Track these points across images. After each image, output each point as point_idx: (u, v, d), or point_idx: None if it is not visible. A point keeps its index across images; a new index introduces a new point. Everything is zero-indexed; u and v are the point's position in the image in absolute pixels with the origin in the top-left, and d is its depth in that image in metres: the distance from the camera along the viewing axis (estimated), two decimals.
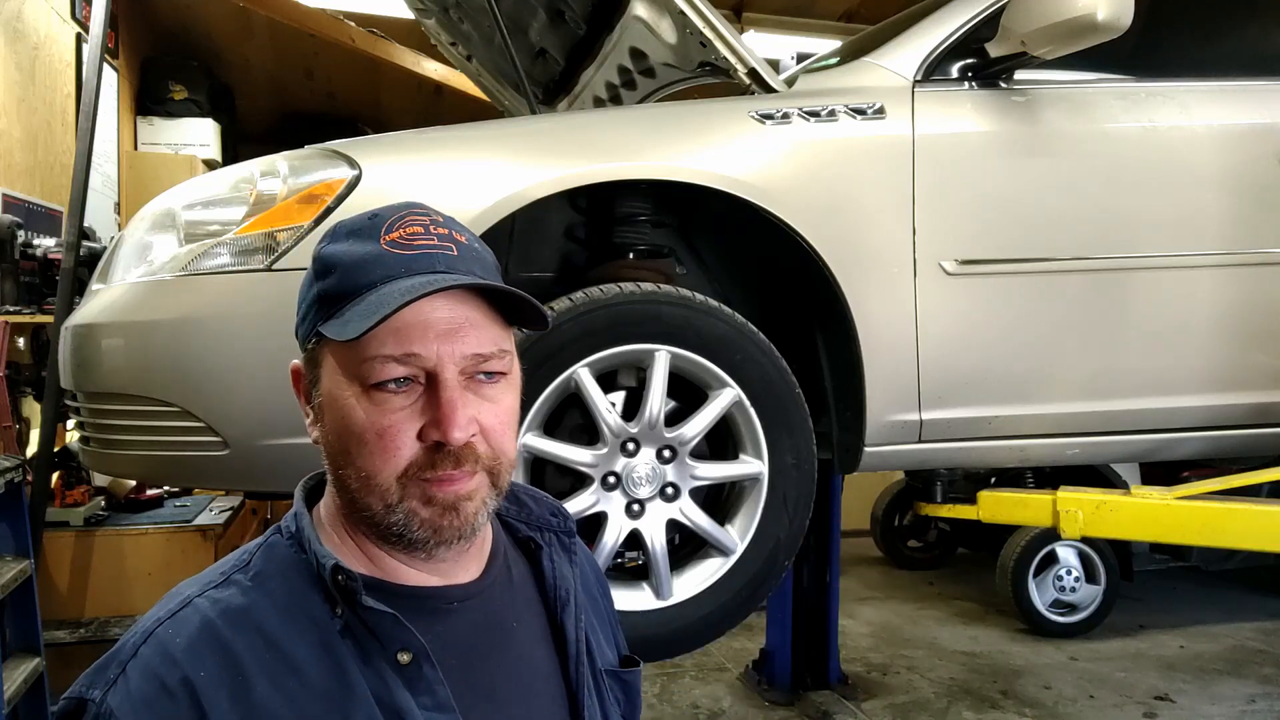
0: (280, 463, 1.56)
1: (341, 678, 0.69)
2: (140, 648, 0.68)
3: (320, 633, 0.70)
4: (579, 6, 2.43)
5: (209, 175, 1.74)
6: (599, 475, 1.63)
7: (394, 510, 0.71)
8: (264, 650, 0.68)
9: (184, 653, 0.67)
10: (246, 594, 0.71)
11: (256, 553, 0.76)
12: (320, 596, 0.71)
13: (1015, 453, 1.97)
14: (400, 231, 0.73)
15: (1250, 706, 3.41)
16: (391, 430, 0.70)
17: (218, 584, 0.72)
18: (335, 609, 0.71)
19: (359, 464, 0.71)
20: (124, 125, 4.67)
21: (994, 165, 1.89)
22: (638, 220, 1.87)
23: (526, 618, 0.82)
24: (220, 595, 0.71)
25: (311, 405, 0.76)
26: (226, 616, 0.69)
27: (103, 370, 1.61)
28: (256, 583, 0.72)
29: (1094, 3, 1.68)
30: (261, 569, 0.74)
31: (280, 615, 0.70)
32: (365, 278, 0.71)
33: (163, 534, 2.91)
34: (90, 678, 0.69)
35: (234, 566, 0.74)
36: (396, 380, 0.70)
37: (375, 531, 0.74)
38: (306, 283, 0.76)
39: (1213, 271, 2.00)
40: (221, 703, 0.65)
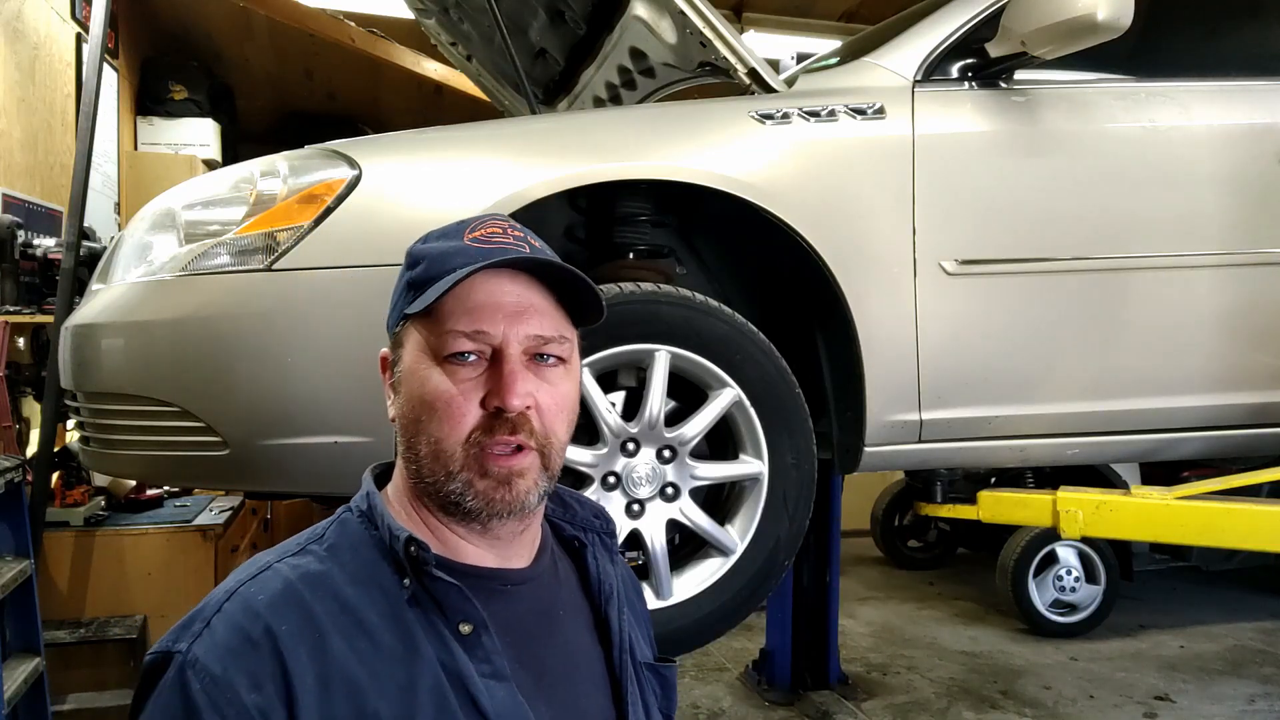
0: (280, 463, 1.56)
1: (408, 642, 0.74)
2: (224, 604, 0.73)
3: (389, 601, 0.75)
4: (579, 6, 2.43)
5: (209, 175, 1.74)
6: (599, 475, 1.63)
7: (454, 478, 0.78)
8: (339, 613, 0.73)
9: (266, 608, 0.72)
10: (322, 562, 0.77)
11: (329, 528, 0.81)
12: (389, 568, 0.77)
13: (1015, 453, 1.97)
14: (481, 231, 0.82)
15: (1250, 706, 3.41)
16: (459, 398, 0.77)
17: (295, 553, 0.78)
18: (403, 580, 0.76)
19: (429, 430, 0.78)
20: (124, 125, 4.67)
21: (994, 165, 1.89)
22: (638, 220, 1.87)
23: (572, 609, 0.88)
24: (298, 562, 0.76)
25: (392, 385, 0.83)
26: (305, 580, 0.75)
27: (103, 370, 1.61)
28: (331, 553, 0.78)
29: (1094, 3, 1.68)
30: (335, 541, 0.79)
31: (352, 583, 0.75)
32: (448, 265, 0.79)
33: (163, 534, 2.91)
34: (175, 633, 0.73)
35: (309, 539, 0.80)
36: (465, 354, 0.78)
37: (436, 502, 0.80)
38: (399, 277, 0.85)
39: (1213, 271, 2.00)
40: (301, 655, 0.70)
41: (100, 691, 2.80)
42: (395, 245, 1.58)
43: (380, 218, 1.58)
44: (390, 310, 0.85)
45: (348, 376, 1.55)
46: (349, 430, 1.56)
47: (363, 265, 1.55)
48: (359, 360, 1.55)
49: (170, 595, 2.90)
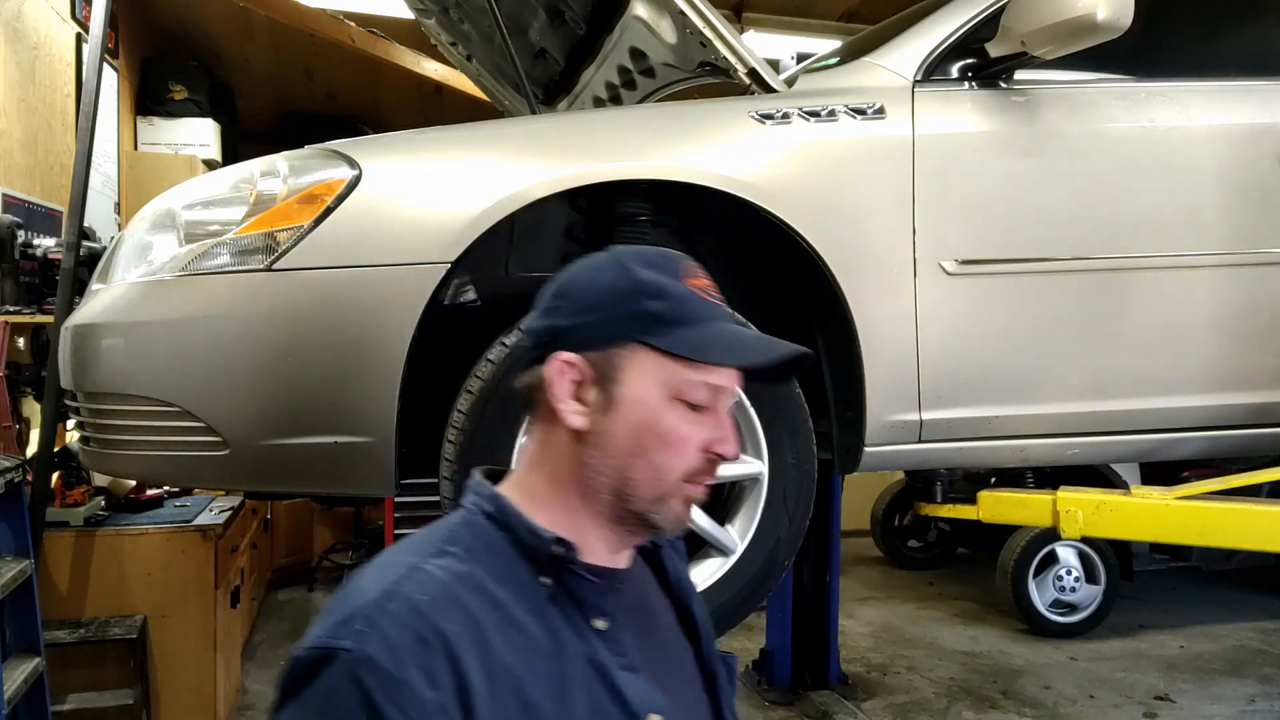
0: (280, 463, 1.56)
1: (554, 637, 0.78)
2: (385, 604, 0.73)
3: (530, 598, 0.79)
4: (579, 6, 2.43)
5: (209, 175, 1.74)
6: None
7: (661, 503, 0.83)
8: (492, 610, 0.76)
9: (430, 607, 0.73)
10: (464, 562, 0.78)
11: (458, 529, 0.83)
12: (526, 566, 0.80)
13: (1015, 453, 1.97)
14: (696, 281, 0.86)
15: (1250, 706, 3.41)
16: (692, 439, 0.83)
17: (435, 554, 0.79)
18: (540, 577, 0.80)
19: (656, 460, 0.82)
20: (124, 125, 4.67)
21: (994, 165, 1.89)
22: (638, 220, 1.87)
23: (660, 606, 0.93)
24: (444, 563, 0.78)
25: (589, 398, 0.84)
26: (458, 579, 0.76)
27: (103, 370, 1.61)
28: (470, 554, 0.79)
29: (1094, 3, 1.68)
30: (470, 543, 0.81)
31: (496, 581, 0.78)
32: (695, 312, 0.84)
33: (163, 534, 2.91)
34: (332, 630, 0.72)
35: (442, 540, 0.81)
36: (701, 403, 0.84)
37: (613, 513, 0.84)
38: (619, 292, 0.84)
39: (1213, 271, 2.00)
40: (470, 653, 0.72)
41: (100, 691, 2.80)
42: (395, 245, 1.59)
43: (380, 218, 1.58)
44: (597, 319, 0.84)
45: (348, 376, 1.55)
46: (349, 430, 1.56)
47: (363, 265, 1.55)
48: (359, 360, 1.56)
49: (170, 595, 2.90)
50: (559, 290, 0.87)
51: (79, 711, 2.75)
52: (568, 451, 0.84)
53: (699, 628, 0.95)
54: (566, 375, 0.84)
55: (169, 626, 2.90)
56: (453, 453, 1.57)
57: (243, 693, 3.62)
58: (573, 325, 0.84)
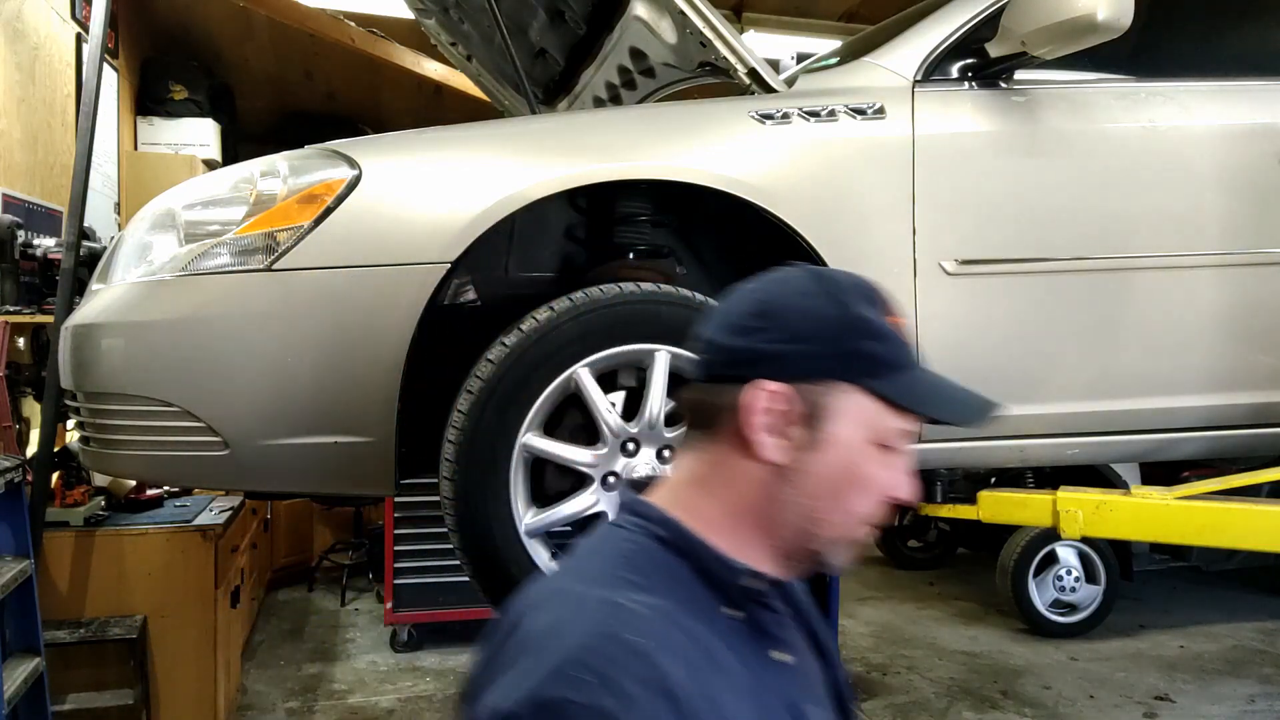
0: (280, 463, 1.56)
1: (751, 673, 0.75)
2: (602, 649, 0.67)
3: (719, 632, 0.75)
4: (579, 6, 2.43)
5: (209, 175, 1.74)
6: (599, 475, 1.63)
7: (839, 543, 0.81)
8: (692, 643, 0.72)
9: (653, 651, 0.68)
10: (655, 594, 0.73)
11: (631, 554, 0.77)
12: (709, 596, 0.77)
13: (1015, 453, 1.97)
14: (895, 318, 0.83)
15: (1250, 706, 3.41)
16: (884, 484, 0.80)
17: (622, 585, 0.73)
18: (724, 609, 0.77)
19: (848, 503, 0.79)
20: (124, 125, 4.67)
21: (994, 165, 1.89)
22: (638, 220, 1.87)
23: (796, 628, 0.90)
24: (640, 597, 0.72)
25: (791, 432, 0.78)
26: (663, 617, 0.71)
27: (103, 370, 1.61)
28: (652, 583, 0.74)
29: (1094, 3, 1.68)
30: (648, 570, 0.76)
31: (688, 615, 0.73)
32: (906, 357, 0.82)
33: (163, 534, 2.91)
34: (549, 682, 0.65)
35: (618, 567, 0.76)
36: (896, 449, 0.82)
37: (791, 551, 0.81)
38: (837, 325, 0.79)
39: (1213, 271, 2.00)
40: (695, 695, 0.67)
41: (100, 691, 2.80)
42: (395, 245, 1.59)
43: (380, 218, 1.58)
44: (806, 352, 0.79)
45: (348, 376, 1.55)
46: (349, 430, 1.56)
47: (363, 265, 1.55)
48: (359, 360, 1.56)
49: (170, 595, 2.90)
50: (760, 309, 0.81)
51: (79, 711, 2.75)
52: (755, 483, 0.79)
53: (827, 650, 0.92)
54: (773, 406, 0.78)
55: (169, 626, 2.90)
56: (453, 453, 1.57)
57: (243, 693, 3.62)
58: (782, 353, 0.78)
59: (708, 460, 0.81)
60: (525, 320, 1.61)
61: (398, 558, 4.06)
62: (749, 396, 0.78)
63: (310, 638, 4.34)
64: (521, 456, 1.59)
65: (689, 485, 0.82)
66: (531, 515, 1.61)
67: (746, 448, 0.78)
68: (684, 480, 0.83)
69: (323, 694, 3.67)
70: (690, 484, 0.82)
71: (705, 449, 0.82)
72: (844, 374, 0.79)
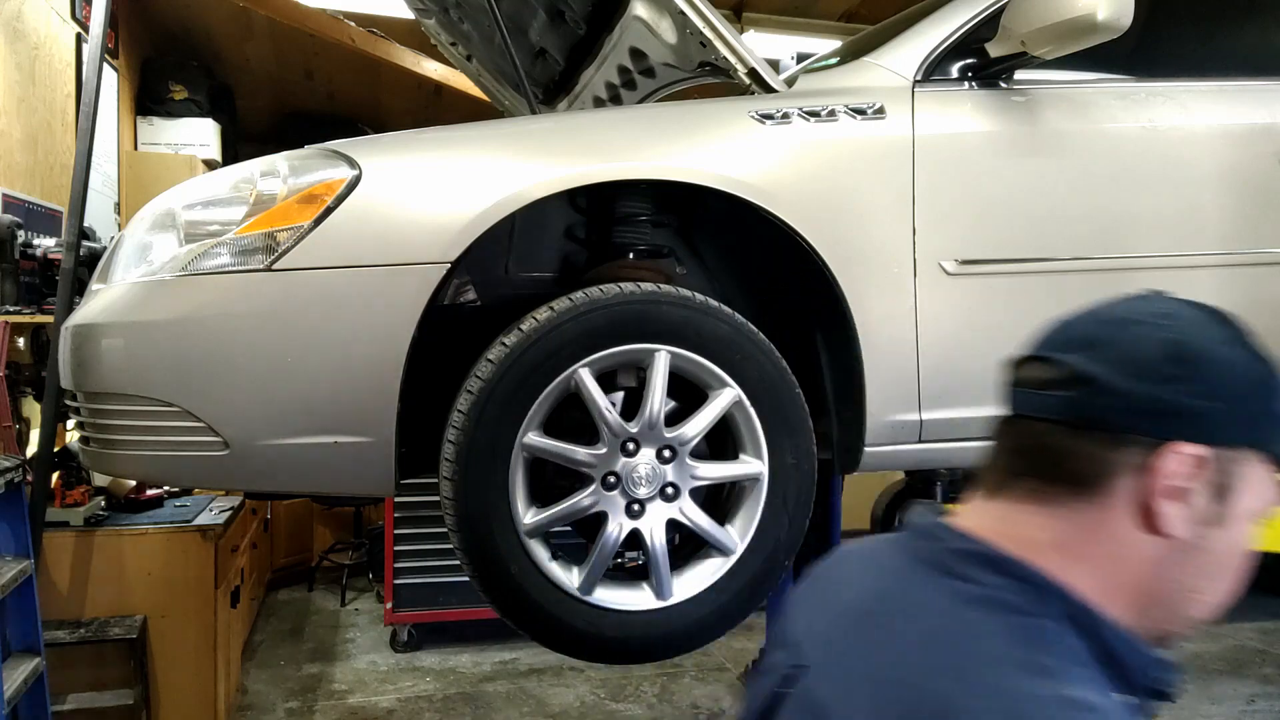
0: (280, 463, 1.56)
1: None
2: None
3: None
4: (579, 6, 2.43)
5: (209, 175, 1.74)
6: (599, 475, 1.63)
7: (1204, 621, 0.73)
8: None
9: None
10: (1083, 686, 0.63)
11: (1041, 635, 0.65)
12: (1105, 680, 0.66)
13: None
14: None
15: (1250, 706, 3.41)
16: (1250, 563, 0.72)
17: (1052, 676, 0.62)
18: (1111, 693, 0.66)
19: (1232, 583, 0.72)
20: (124, 125, 4.67)
21: (994, 165, 1.89)
22: (638, 220, 1.87)
23: None
24: (1081, 691, 0.62)
25: (1198, 503, 0.68)
26: (1124, 712, 0.64)
27: (103, 370, 1.61)
28: (1068, 671, 0.64)
29: (1094, 3, 1.68)
30: (1059, 655, 0.65)
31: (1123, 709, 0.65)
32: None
33: (163, 534, 2.91)
34: None
35: (1033, 649, 0.64)
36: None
37: (1157, 630, 0.71)
38: (1257, 382, 0.70)
39: (1213, 271, 2.00)
40: None
41: (100, 691, 2.81)
42: (395, 245, 1.59)
43: (380, 218, 1.58)
44: (1231, 413, 0.68)
45: (348, 376, 1.55)
46: (349, 430, 1.56)
47: (363, 265, 1.55)
48: (359, 360, 1.56)
49: (170, 595, 2.90)
50: (1176, 354, 0.68)
51: (79, 711, 2.76)
52: (1144, 557, 0.68)
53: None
54: (1195, 475, 0.67)
55: (169, 626, 2.90)
56: (453, 453, 1.57)
57: (243, 692, 3.62)
58: (1204, 411, 0.67)
59: (1078, 523, 0.69)
60: (525, 320, 1.61)
61: (398, 558, 4.07)
62: (1163, 459, 0.66)
63: (310, 638, 4.34)
64: (521, 456, 1.59)
65: (1051, 550, 0.69)
66: (531, 515, 1.61)
67: (1142, 516, 0.67)
68: (1040, 542, 0.69)
69: (323, 694, 3.67)
70: (1053, 548, 0.69)
71: (1072, 509, 0.69)
72: (1255, 439, 0.69)
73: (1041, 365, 0.73)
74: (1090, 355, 0.69)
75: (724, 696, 3.66)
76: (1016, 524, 0.71)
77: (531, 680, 3.84)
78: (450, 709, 3.54)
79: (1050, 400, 0.70)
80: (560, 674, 3.88)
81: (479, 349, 1.65)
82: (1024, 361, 0.76)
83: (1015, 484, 0.72)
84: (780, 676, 0.78)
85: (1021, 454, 0.73)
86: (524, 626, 1.64)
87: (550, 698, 3.66)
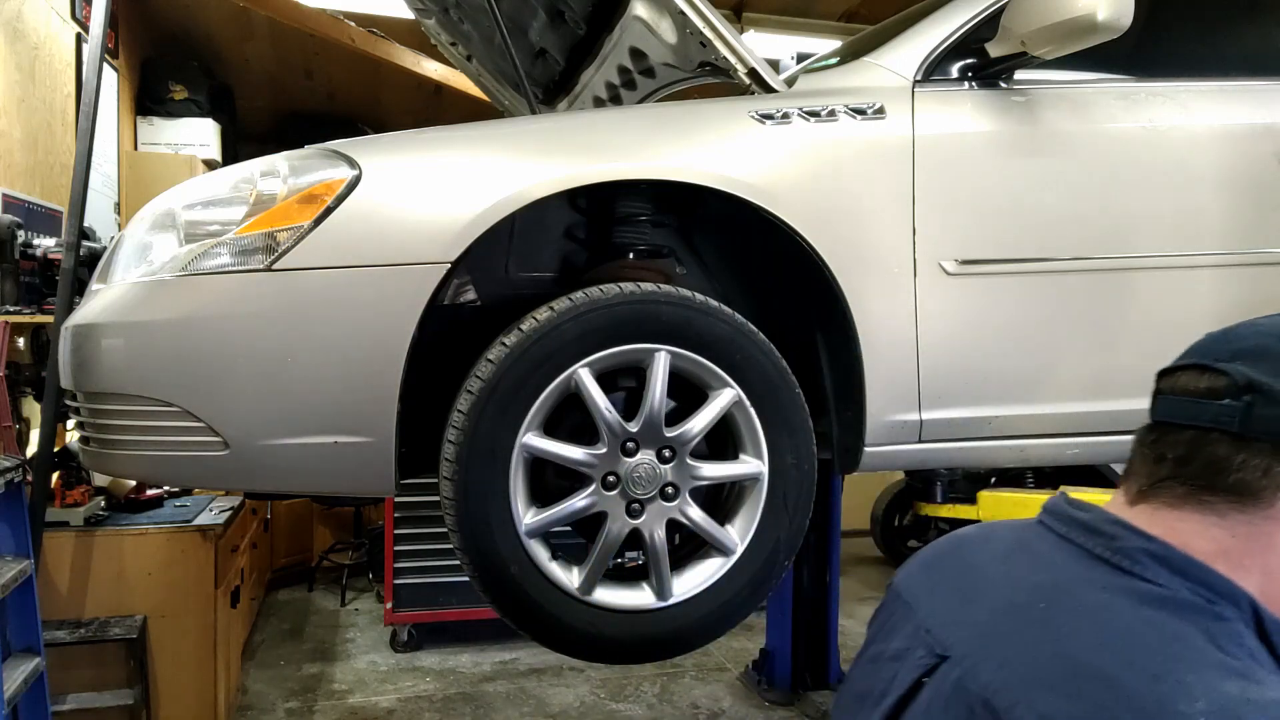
0: (280, 463, 1.56)
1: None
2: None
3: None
4: (579, 6, 2.43)
5: (209, 175, 1.74)
6: (599, 475, 1.63)
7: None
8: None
9: None
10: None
11: (1220, 634, 0.65)
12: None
13: (1015, 453, 1.97)
14: None
15: None
16: None
17: (1269, 683, 0.62)
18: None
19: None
20: (124, 125, 4.67)
21: (994, 165, 1.89)
22: (638, 220, 1.87)
23: None
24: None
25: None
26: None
27: (103, 370, 1.61)
28: (1261, 678, 0.63)
29: (1094, 3, 1.68)
30: (1248, 652, 0.65)
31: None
32: None
33: (163, 534, 2.91)
34: None
35: (1252, 659, 0.64)
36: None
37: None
38: None
39: (1213, 271, 2.00)
40: None
41: (100, 691, 2.81)
42: (395, 245, 1.59)
43: (380, 218, 1.58)
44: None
45: (348, 376, 1.55)
46: (349, 430, 1.56)
47: (363, 265, 1.55)
48: (359, 360, 1.56)
49: (170, 595, 2.90)
50: None
51: (79, 711, 2.76)
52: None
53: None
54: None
55: (169, 626, 2.90)
56: (453, 453, 1.57)
57: (243, 692, 3.62)
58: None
59: (1241, 534, 0.68)
60: (525, 320, 1.61)
61: (398, 558, 4.07)
62: None
63: (310, 638, 4.34)
64: (521, 456, 1.59)
65: (1215, 558, 0.68)
66: (531, 515, 1.61)
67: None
68: (1202, 550, 0.68)
69: (323, 694, 3.67)
70: (1215, 556, 0.68)
71: (1236, 519, 0.68)
72: None
73: (1203, 374, 0.72)
74: (1261, 366, 0.68)
75: (724, 696, 3.66)
76: (1174, 530, 0.70)
77: (531, 680, 3.84)
78: (450, 709, 3.55)
79: (1215, 410, 0.70)
80: (560, 674, 3.88)
81: (479, 349, 1.65)
82: (1180, 370, 0.75)
83: (1165, 490, 0.72)
84: (918, 665, 0.76)
85: (1176, 461, 0.72)
86: (524, 626, 1.64)
87: (550, 698, 3.66)
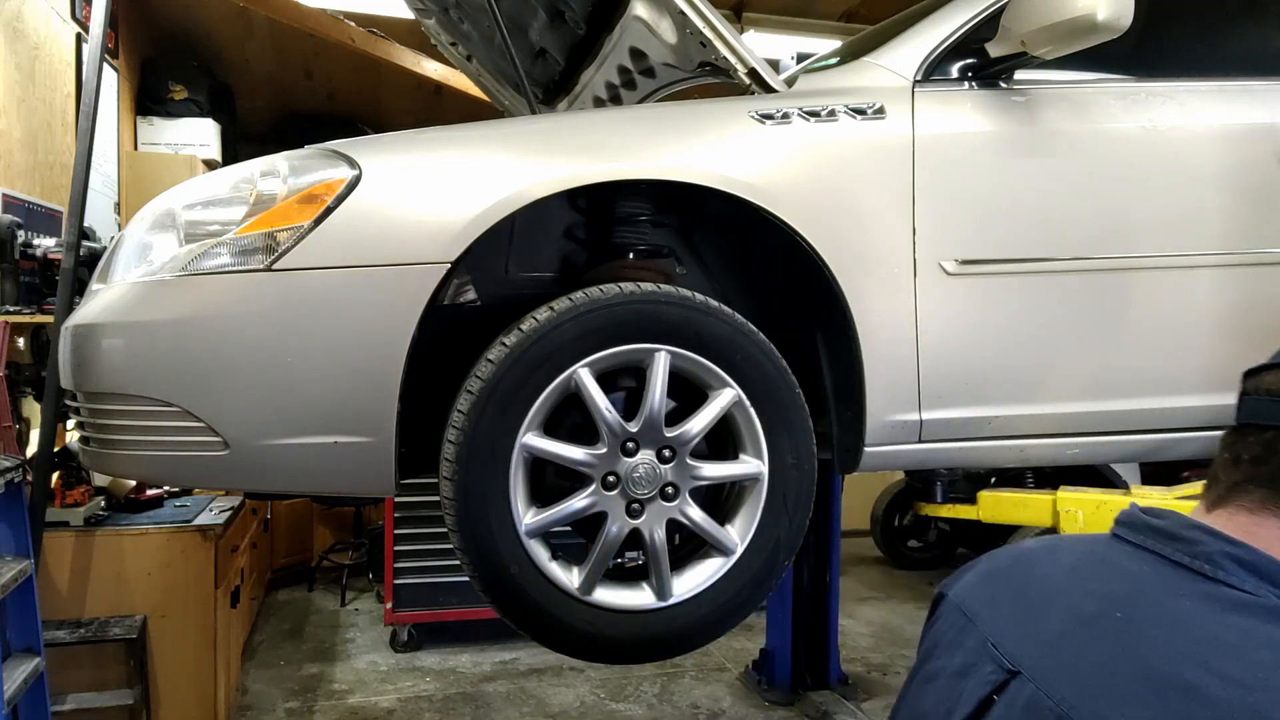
0: (280, 463, 1.56)
1: None
2: None
3: None
4: (579, 6, 2.43)
5: (209, 175, 1.74)
6: (599, 475, 1.63)
7: None
8: None
9: None
10: None
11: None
12: None
13: (1015, 453, 1.97)
14: None
15: None
16: None
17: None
18: None
19: None
20: (124, 125, 4.67)
21: (994, 165, 1.89)
22: (638, 220, 1.87)
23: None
24: None
25: None
26: None
27: (103, 370, 1.61)
28: None
29: (1094, 3, 1.68)
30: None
31: None
32: None
33: (163, 534, 2.91)
34: None
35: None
36: None
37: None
38: None
39: (1213, 271, 2.00)
40: None
41: (100, 691, 2.81)
42: (395, 245, 1.59)
43: (380, 218, 1.58)
44: None
45: (348, 376, 1.55)
46: (349, 430, 1.56)
47: (363, 265, 1.55)
48: (359, 360, 1.56)
49: (170, 595, 2.90)
50: None
51: (79, 711, 2.76)
52: None
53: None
54: None
55: (169, 626, 2.90)
56: (453, 453, 1.57)
57: (243, 692, 3.62)
58: None
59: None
60: (525, 320, 1.61)
61: (398, 558, 4.07)
62: None
63: (310, 638, 4.34)
64: (521, 456, 1.59)
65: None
66: (531, 515, 1.61)
67: None
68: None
69: (323, 694, 3.67)
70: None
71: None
72: None
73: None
74: None
75: (724, 696, 3.66)
76: (1252, 535, 0.68)
77: (531, 680, 3.84)
78: (450, 709, 3.55)
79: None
80: (560, 674, 3.88)
81: (479, 349, 1.65)
82: (1266, 370, 0.73)
83: (1242, 493, 0.70)
84: (987, 682, 0.74)
85: (1252, 462, 0.70)
86: (524, 627, 1.64)
87: (550, 698, 3.66)
